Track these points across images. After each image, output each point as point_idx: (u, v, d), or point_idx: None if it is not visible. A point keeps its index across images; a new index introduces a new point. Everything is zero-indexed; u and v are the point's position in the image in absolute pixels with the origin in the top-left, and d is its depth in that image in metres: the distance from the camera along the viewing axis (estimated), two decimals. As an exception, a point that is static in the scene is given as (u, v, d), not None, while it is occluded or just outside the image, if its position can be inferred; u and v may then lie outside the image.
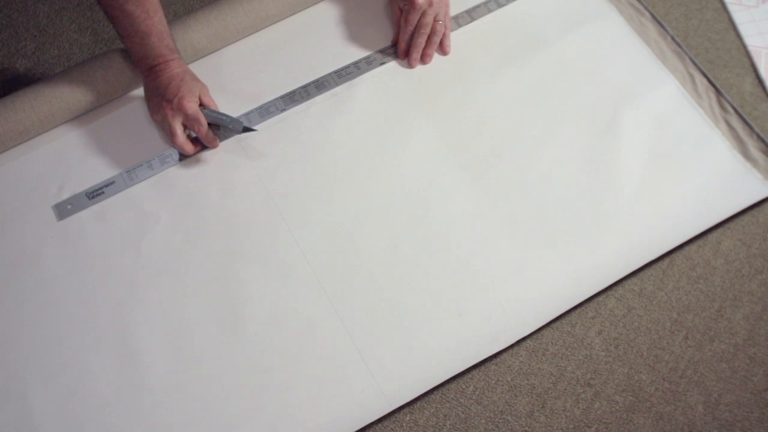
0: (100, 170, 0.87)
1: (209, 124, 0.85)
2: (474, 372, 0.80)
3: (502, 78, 0.94)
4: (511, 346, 0.80)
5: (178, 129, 0.83)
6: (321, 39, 0.95)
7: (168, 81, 0.83)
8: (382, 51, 0.95)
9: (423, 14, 0.89)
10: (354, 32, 0.96)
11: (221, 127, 0.86)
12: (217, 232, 0.84)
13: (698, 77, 0.95)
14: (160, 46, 0.83)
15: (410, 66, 0.93)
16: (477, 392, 0.79)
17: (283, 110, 0.91)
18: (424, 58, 0.93)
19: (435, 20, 0.90)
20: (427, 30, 0.90)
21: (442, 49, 0.94)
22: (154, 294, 0.80)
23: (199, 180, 0.87)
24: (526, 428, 0.78)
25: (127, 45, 0.83)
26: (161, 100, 0.83)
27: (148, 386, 0.76)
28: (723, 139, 0.91)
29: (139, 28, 0.81)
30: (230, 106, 0.91)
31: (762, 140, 0.91)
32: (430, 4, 0.88)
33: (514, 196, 0.86)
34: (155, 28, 0.82)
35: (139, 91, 0.91)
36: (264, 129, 0.90)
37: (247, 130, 0.86)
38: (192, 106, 0.82)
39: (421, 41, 0.91)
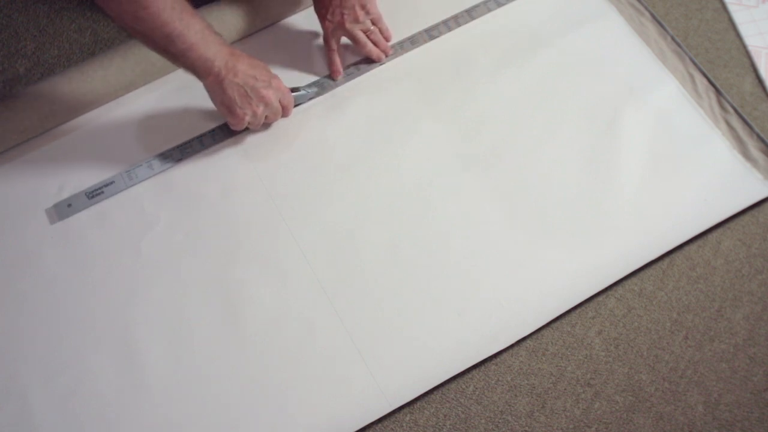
0: (100, 170, 0.87)
1: None
2: (474, 372, 0.80)
3: (502, 78, 0.94)
4: (511, 346, 0.80)
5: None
6: (321, 40, 0.95)
7: (251, 68, 0.80)
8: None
9: (360, 26, 0.91)
10: (354, 32, 0.96)
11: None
12: (217, 233, 0.84)
13: (698, 77, 0.95)
14: (215, 36, 0.77)
15: (378, 60, 0.94)
16: (477, 392, 0.79)
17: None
18: (385, 51, 0.95)
19: (366, 26, 0.92)
20: (368, 31, 0.93)
21: (384, 36, 0.95)
22: (154, 294, 0.81)
23: (199, 180, 0.87)
24: (526, 428, 0.78)
25: (187, 58, 0.76)
26: (257, 90, 0.80)
27: (148, 386, 0.76)
28: (723, 139, 0.91)
29: (191, 37, 0.74)
30: (230, 106, 0.91)
31: (762, 140, 0.91)
32: (356, 20, 0.90)
33: (514, 196, 0.86)
34: (196, 22, 0.75)
35: (139, 92, 0.91)
36: (264, 129, 0.90)
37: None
38: (284, 85, 0.85)
39: (371, 47, 0.93)
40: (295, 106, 0.90)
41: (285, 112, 0.86)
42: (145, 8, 0.70)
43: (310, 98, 0.92)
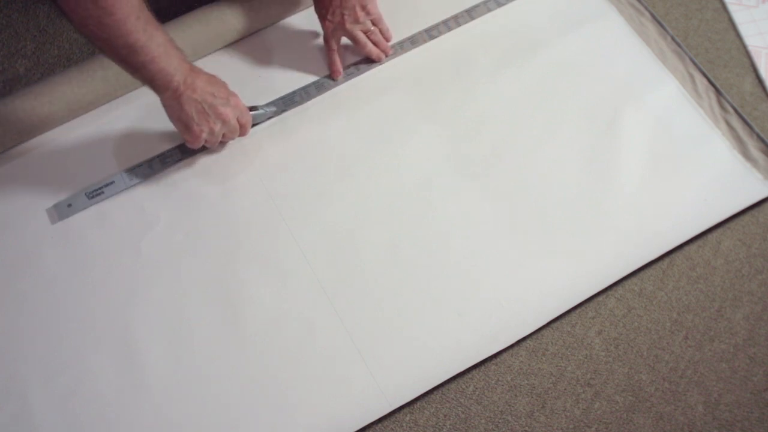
0: (100, 170, 0.87)
1: None
2: (474, 372, 0.80)
3: (502, 78, 0.94)
4: (511, 346, 0.80)
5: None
6: (321, 40, 0.95)
7: (210, 84, 0.79)
8: (382, 51, 0.95)
9: (360, 27, 0.91)
10: (354, 32, 0.96)
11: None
12: (217, 233, 0.84)
13: (698, 77, 0.95)
14: (176, 51, 0.76)
15: (378, 60, 0.94)
16: (477, 392, 0.79)
17: (284, 111, 0.91)
18: (385, 51, 0.94)
19: (366, 27, 0.92)
20: (369, 31, 0.93)
21: (385, 36, 0.95)
22: (154, 294, 0.80)
23: (199, 180, 0.87)
24: (526, 428, 0.78)
25: (148, 70, 0.74)
26: (215, 107, 0.79)
27: (148, 386, 0.76)
28: (723, 139, 0.91)
29: (153, 50, 0.73)
30: (230, 106, 0.91)
31: (762, 140, 0.91)
32: (356, 20, 0.89)
33: (514, 196, 0.86)
34: (159, 35, 0.74)
35: (139, 92, 0.91)
36: (264, 130, 0.90)
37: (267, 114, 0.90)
38: (242, 103, 0.83)
39: (371, 47, 0.93)
40: (254, 125, 0.88)
41: (242, 131, 0.85)
42: (111, 14, 0.68)
43: (269, 117, 0.90)
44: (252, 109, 0.87)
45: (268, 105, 0.90)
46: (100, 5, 0.67)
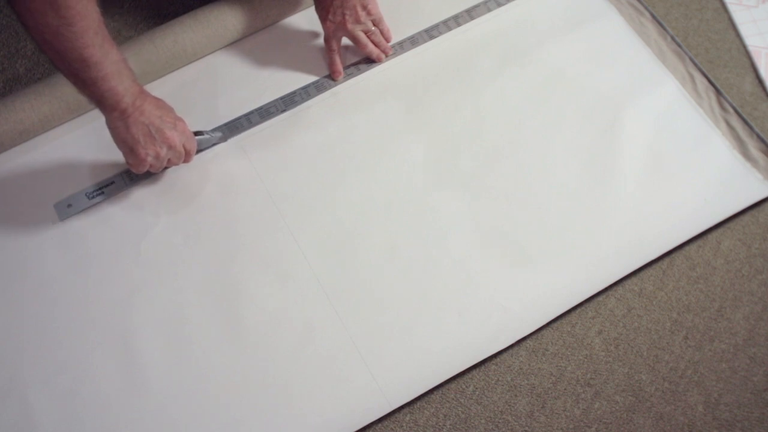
0: (100, 170, 0.87)
1: None
2: (474, 372, 0.80)
3: (502, 78, 0.94)
4: (511, 346, 0.80)
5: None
6: (321, 40, 0.95)
7: (157, 108, 0.77)
8: (382, 51, 0.95)
9: (361, 27, 0.91)
10: (354, 32, 0.96)
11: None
12: (216, 233, 0.84)
13: (698, 77, 0.95)
14: (129, 71, 0.74)
15: (378, 60, 0.94)
16: (477, 392, 0.79)
17: (284, 111, 0.91)
18: (385, 51, 0.95)
19: (367, 27, 0.92)
20: (369, 32, 0.93)
21: (385, 36, 0.95)
22: (154, 294, 0.80)
23: (198, 180, 0.87)
24: (526, 428, 0.78)
25: (98, 87, 0.71)
26: (162, 130, 0.77)
27: (148, 386, 0.76)
28: (723, 139, 0.91)
29: (107, 67, 0.70)
30: (230, 108, 0.91)
31: (762, 140, 0.91)
32: (357, 21, 0.90)
33: (514, 196, 0.86)
34: (114, 53, 0.71)
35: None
36: (264, 130, 0.90)
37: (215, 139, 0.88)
38: (188, 129, 0.82)
39: (372, 47, 0.93)
40: (199, 151, 0.87)
41: (187, 158, 0.83)
42: (70, 25, 0.65)
43: (214, 144, 0.88)
44: (197, 134, 0.85)
45: (213, 130, 0.89)
46: (62, 14, 0.64)
